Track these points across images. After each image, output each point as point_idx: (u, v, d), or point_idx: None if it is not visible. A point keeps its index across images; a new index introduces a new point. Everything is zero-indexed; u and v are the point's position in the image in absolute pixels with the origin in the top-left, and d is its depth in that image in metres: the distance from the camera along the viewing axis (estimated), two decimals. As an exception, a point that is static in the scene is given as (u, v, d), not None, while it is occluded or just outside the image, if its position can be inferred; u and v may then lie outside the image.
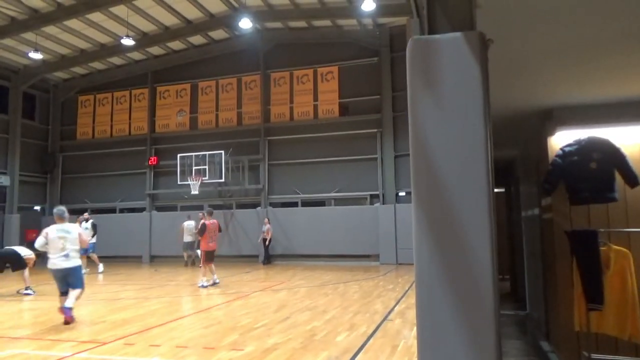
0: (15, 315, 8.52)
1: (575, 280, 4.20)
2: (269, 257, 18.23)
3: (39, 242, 7.66)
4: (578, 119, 4.68)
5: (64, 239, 7.53)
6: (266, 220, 18.31)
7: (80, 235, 7.84)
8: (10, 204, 20.31)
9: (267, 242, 18.02)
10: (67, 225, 7.76)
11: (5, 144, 20.64)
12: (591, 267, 4.10)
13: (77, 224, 10.83)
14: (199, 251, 15.06)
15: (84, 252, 14.10)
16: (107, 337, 6.47)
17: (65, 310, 7.40)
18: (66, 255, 7.51)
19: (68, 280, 7.59)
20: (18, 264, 10.90)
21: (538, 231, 5.91)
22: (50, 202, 22.55)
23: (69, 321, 7.35)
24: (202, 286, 11.50)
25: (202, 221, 11.91)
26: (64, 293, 7.60)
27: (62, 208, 7.99)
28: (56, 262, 7.46)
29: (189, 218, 17.78)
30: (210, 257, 11.81)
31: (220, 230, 12.31)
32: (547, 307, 5.54)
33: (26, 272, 10.96)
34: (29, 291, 10.91)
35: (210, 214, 12.18)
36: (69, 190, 22.67)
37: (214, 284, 11.83)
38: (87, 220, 14.83)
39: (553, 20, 2.99)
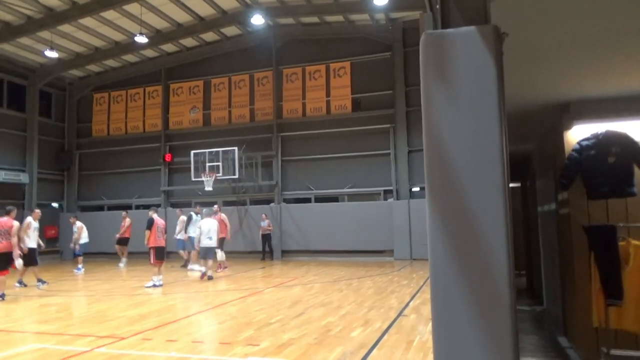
0: (35, 310, 8.68)
1: (593, 275, 4.15)
2: (264, 253, 18.34)
3: (196, 233, 12.33)
4: (595, 113, 4.60)
5: (209, 227, 12.09)
6: (264, 215, 18.40)
7: (217, 226, 12.35)
8: (29, 201, 20.66)
9: (262, 238, 18.19)
10: (210, 219, 12.37)
11: (23, 142, 20.99)
12: (610, 262, 4.05)
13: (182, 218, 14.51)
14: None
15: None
16: (125, 332, 6.57)
17: (209, 276, 12.24)
18: (210, 238, 12.03)
19: (209, 252, 12.20)
20: (31, 258, 11.25)
21: (555, 226, 5.84)
22: (67, 199, 22.92)
23: (210, 278, 12.23)
24: (154, 286, 11.13)
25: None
26: (203, 257, 12.38)
27: (212, 208, 13.47)
28: (205, 242, 12.03)
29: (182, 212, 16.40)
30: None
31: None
32: (565, 302, 5.48)
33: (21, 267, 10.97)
34: (39, 283, 11.52)
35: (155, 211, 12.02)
36: (86, 187, 22.99)
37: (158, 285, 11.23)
38: (74, 224, 15.43)
39: (569, 12, 2.94)
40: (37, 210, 12.20)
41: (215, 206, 15.30)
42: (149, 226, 11.34)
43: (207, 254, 12.27)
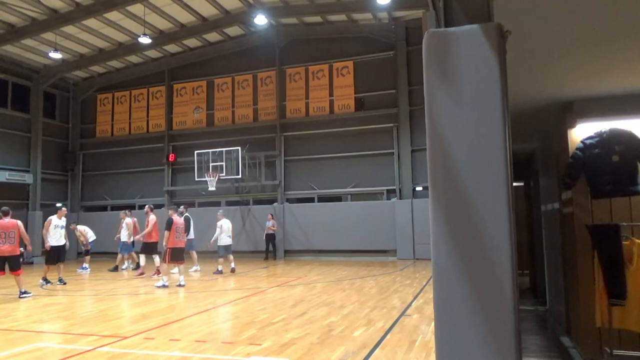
0: (38, 309, 8.71)
1: (596, 275, 4.13)
2: (267, 253, 18.40)
3: (217, 232, 13.53)
4: (599, 111, 4.58)
5: (228, 226, 13.60)
6: (270, 215, 18.47)
7: (230, 226, 13.72)
8: (33, 201, 20.75)
9: (266, 237, 18.31)
10: (226, 220, 13.78)
11: (27, 142, 21.08)
12: (613, 261, 4.02)
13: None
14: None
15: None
16: (128, 331, 6.58)
17: (232, 269, 13.74)
18: (229, 236, 13.60)
19: (228, 249, 13.64)
20: (50, 257, 11.79)
21: (558, 225, 5.81)
22: (71, 199, 23.00)
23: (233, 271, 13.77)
24: (164, 286, 11.04)
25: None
26: (222, 255, 13.61)
27: (221, 210, 14.56)
28: (225, 240, 13.47)
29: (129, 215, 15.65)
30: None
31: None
32: (568, 302, 5.45)
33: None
34: (42, 281, 11.88)
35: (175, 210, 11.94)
36: (90, 187, 23.07)
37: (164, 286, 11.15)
38: (74, 230, 15.89)
39: (573, 10, 2.92)
40: (64, 209, 12.23)
41: (147, 207, 14.48)
42: (168, 227, 11.20)
43: (226, 251, 13.54)
